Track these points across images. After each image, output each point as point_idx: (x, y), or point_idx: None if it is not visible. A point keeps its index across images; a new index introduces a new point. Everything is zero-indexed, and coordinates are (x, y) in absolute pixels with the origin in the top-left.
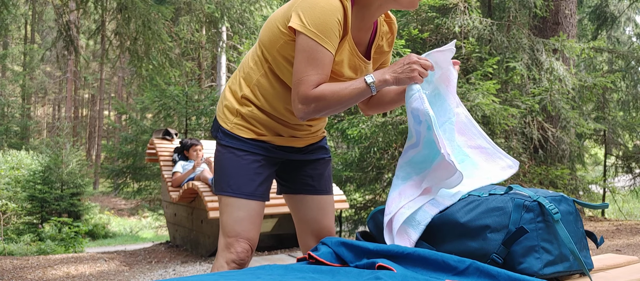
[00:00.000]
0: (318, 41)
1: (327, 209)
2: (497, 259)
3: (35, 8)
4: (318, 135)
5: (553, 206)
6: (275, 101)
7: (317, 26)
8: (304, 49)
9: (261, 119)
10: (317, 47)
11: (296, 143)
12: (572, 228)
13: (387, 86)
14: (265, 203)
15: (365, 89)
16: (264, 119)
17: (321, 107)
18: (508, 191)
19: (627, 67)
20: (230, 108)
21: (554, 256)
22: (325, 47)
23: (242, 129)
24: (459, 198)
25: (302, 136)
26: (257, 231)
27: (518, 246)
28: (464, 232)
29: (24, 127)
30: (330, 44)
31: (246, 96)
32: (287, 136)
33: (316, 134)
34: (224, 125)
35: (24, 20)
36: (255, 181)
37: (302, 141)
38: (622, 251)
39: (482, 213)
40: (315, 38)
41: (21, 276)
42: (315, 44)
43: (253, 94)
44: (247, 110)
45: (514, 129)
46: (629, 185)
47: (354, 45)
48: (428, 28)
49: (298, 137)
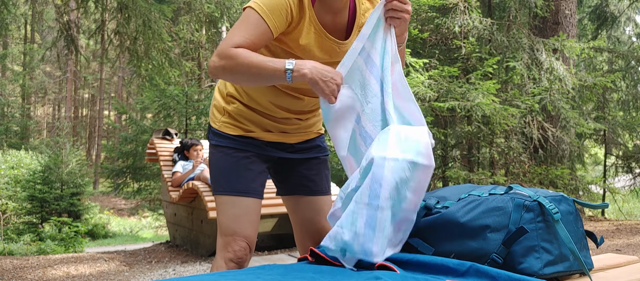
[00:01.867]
0: (258, 12)
1: (324, 210)
2: (497, 259)
3: (35, 8)
4: (311, 132)
5: (553, 206)
6: (259, 96)
7: (264, 3)
8: (243, 17)
9: (248, 115)
10: (254, 15)
11: (287, 139)
12: (572, 228)
13: (303, 80)
14: (261, 200)
15: (280, 73)
16: (250, 114)
17: (231, 66)
18: (508, 191)
19: (627, 67)
20: (218, 107)
21: (554, 256)
22: (264, 19)
23: (229, 126)
24: (459, 198)
25: (291, 131)
26: (255, 229)
27: (518, 246)
28: (464, 232)
29: (24, 127)
30: (271, 20)
31: (231, 94)
32: (276, 131)
33: (309, 131)
34: (213, 125)
35: (24, 20)
36: (247, 178)
37: (293, 136)
38: (622, 251)
39: (482, 212)
40: (257, 9)
41: (21, 276)
42: (254, 13)
43: (237, 90)
44: (233, 107)
45: (514, 129)
46: (629, 185)
47: (321, 28)
48: (428, 28)
49: (288, 132)
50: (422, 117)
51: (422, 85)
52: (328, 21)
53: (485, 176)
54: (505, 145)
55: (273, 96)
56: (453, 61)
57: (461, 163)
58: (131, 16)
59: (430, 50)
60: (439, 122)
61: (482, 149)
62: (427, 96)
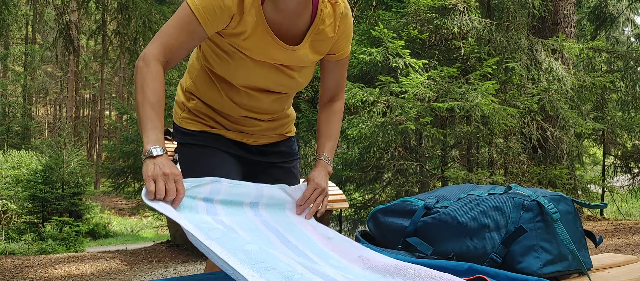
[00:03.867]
0: (192, 9)
1: None
2: (497, 258)
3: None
4: (276, 134)
5: (552, 206)
6: (213, 93)
7: (201, 1)
8: (178, 12)
9: (207, 112)
10: (188, 13)
11: (246, 140)
12: (571, 227)
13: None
14: None
15: (144, 141)
16: (209, 111)
17: (135, 82)
18: (507, 190)
19: (626, 67)
20: (179, 103)
21: (553, 255)
22: (198, 17)
23: (191, 122)
24: (458, 198)
25: (250, 132)
26: None
27: (517, 245)
28: (463, 231)
29: (25, 127)
30: (206, 19)
31: (190, 90)
32: (234, 130)
33: (272, 133)
34: (175, 121)
35: (25, 20)
36: (220, 172)
37: (253, 138)
38: (620, 250)
39: (481, 212)
40: (191, 6)
41: (22, 275)
42: (187, 10)
43: (195, 87)
44: (192, 104)
45: (513, 129)
46: (628, 185)
47: (267, 29)
48: (427, 28)
49: (246, 132)
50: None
51: (421, 85)
52: (279, 22)
53: (484, 176)
54: (504, 145)
55: (230, 91)
56: (452, 62)
57: (460, 162)
58: (131, 17)
59: (429, 50)
60: (438, 123)
61: (481, 149)
62: (426, 97)
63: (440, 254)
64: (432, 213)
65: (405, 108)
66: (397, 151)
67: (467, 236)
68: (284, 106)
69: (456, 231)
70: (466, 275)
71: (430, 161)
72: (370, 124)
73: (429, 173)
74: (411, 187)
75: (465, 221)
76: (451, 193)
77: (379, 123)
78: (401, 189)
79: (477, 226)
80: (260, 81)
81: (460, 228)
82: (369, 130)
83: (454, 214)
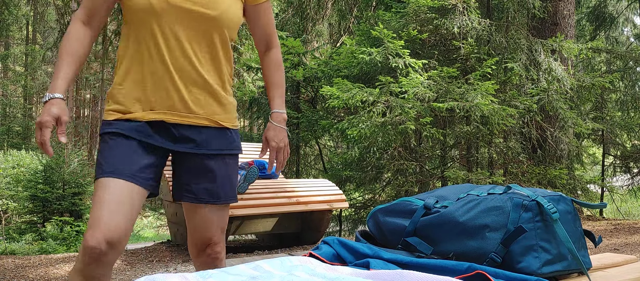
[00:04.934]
0: None
1: (209, 219)
2: (496, 258)
3: (36, 9)
4: (201, 117)
5: (551, 206)
6: (133, 62)
7: None
8: None
9: (126, 90)
10: None
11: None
12: (570, 227)
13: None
14: (143, 190)
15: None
16: (127, 88)
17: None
18: (507, 190)
19: (626, 67)
20: (108, 95)
21: (553, 255)
22: None
23: (111, 113)
24: (458, 198)
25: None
26: (126, 220)
27: (517, 245)
28: (463, 231)
29: (26, 127)
30: None
31: (115, 75)
32: (157, 109)
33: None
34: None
35: (26, 20)
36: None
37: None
38: (620, 250)
39: (481, 212)
40: None
41: (23, 275)
42: None
43: (118, 67)
44: (115, 90)
45: (512, 129)
46: (627, 185)
47: None
48: (427, 29)
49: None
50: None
51: (421, 85)
52: None
53: (483, 176)
54: (504, 145)
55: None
56: (452, 62)
57: (460, 162)
58: None
59: (429, 51)
60: (438, 123)
61: (480, 149)
62: (426, 97)
63: (440, 254)
64: (432, 212)
65: (405, 108)
66: (397, 151)
67: (466, 236)
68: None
69: (456, 231)
70: (466, 274)
71: (430, 161)
72: (370, 124)
73: (429, 173)
74: (411, 187)
75: (465, 221)
76: (451, 192)
77: (379, 123)
78: (401, 189)
79: (476, 226)
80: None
81: (460, 227)
82: (369, 130)
83: (454, 214)
